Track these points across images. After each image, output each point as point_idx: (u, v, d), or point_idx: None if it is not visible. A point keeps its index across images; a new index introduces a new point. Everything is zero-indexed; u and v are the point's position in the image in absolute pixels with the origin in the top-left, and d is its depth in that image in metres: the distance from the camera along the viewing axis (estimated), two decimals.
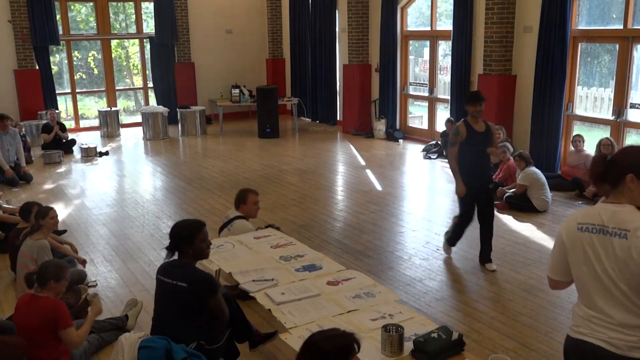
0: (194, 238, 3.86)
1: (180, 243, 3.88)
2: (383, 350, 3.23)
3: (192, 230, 3.89)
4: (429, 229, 7.26)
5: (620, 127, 8.60)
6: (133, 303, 5.00)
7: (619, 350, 2.53)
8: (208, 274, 3.98)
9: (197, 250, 3.89)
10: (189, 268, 3.90)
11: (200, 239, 3.89)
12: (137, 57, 15.93)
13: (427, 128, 12.60)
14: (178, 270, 3.87)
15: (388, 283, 5.61)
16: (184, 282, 3.80)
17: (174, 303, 3.85)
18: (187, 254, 3.89)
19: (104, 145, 12.65)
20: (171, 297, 3.86)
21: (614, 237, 2.53)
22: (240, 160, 11.14)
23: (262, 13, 16.12)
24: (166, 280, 3.88)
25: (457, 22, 10.65)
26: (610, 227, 2.55)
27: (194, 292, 3.81)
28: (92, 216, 7.98)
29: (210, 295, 3.84)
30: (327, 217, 7.79)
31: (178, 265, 3.91)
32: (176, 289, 3.81)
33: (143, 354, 3.63)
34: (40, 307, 4.01)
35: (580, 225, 2.64)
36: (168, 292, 3.87)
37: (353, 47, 13.26)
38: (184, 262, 3.91)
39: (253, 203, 5.65)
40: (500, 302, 5.27)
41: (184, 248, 3.88)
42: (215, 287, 3.88)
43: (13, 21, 13.15)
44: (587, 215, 2.65)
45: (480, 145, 5.83)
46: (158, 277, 3.97)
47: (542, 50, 9.10)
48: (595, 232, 2.59)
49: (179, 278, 3.82)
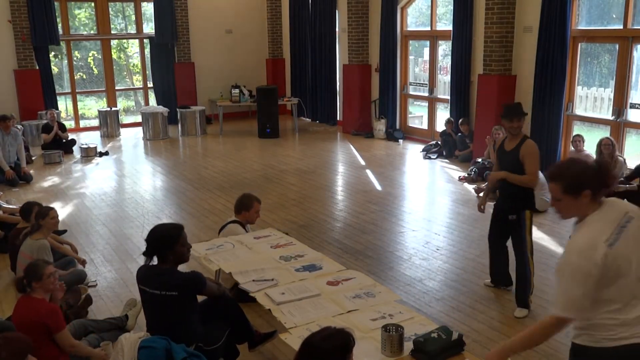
0: (174, 243, 3.83)
1: (161, 248, 3.84)
2: (383, 350, 3.23)
3: (173, 234, 3.86)
4: (429, 229, 7.26)
5: (620, 127, 8.60)
6: (132, 303, 5.00)
7: None
8: (192, 272, 3.96)
9: (177, 254, 3.86)
10: (172, 274, 3.85)
11: (181, 243, 3.86)
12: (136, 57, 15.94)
13: (427, 128, 12.60)
14: (163, 279, 3.81)
15: (388, 283, 5.61)
16: (173, 291, 3.77)
17: (168, 312, 3.84)
18: (167, 259, 3.85)
19: (104, 145, 12.65)
20: (161, 307, 3.85)
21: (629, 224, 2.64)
22: (240, 160, 11.14)
23: (262, 13, 16.12)
24: (153, 292, 3.83)
25: (457, 22, 10.66)
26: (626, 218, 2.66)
27: (186, 295, 3.82)
28: (92, 216, 7.98)
29: (202, 289, 3.92)
30: (327, 217, 7.79)
31: (160, 272, 3.85)
32: (166, 298, 3.78)
33: (143, 354, 3.63)
34: (34, 309, 4.04)
35: (608, 241, 2.61)
36: (156, 303, 3.85)
37: (353, 47, 13.26)
38: (166, 268, 3.85)
39: (256, 211, 5.68)
40: (500, 302, 5.27)
41: (164, 253, 3.84)
42: (203, 279, 3.91)
43: (13, 21, 13.15)
44: (602, 229, 2.65)
45: (506, 166, 5.00)
46: (141, 287, 3.92)
47: (542, 50, 9.10)
48: (620, 233, 2.63)
49: (167, 288, 3.77)
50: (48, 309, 4.07)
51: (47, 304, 4.12)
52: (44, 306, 4.08)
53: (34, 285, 4.11)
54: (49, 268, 4.21)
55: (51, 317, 4.04)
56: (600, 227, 2.65)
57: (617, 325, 2.60)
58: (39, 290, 4.12)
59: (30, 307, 4.06)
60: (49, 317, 4.02)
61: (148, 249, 3.90)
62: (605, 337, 2.61)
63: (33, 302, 4.08)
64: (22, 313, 4.08)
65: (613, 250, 2.59)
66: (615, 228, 2.63)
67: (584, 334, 2.69)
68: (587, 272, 2.57)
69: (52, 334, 4.04)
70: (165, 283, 3.79)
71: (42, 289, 4.13)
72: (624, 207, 2.74)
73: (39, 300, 4.09)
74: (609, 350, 2.61)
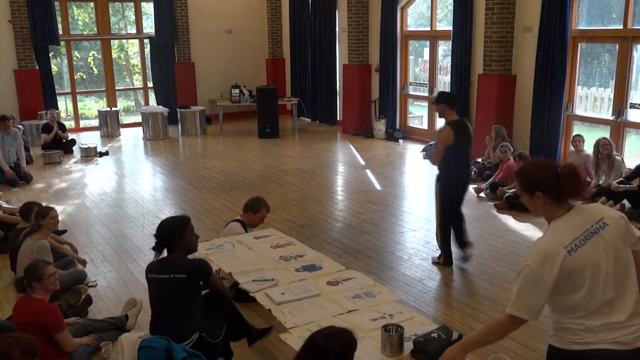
0: (183, 232, 3.98)
1: (170, 238, 3.97)
2: (383, 350, 3.23)
3: (182, 222, 4.05)
4: (429, 229, 7.26)
5: (620, 127, 8.60)
6: (132, 303, 5.00)
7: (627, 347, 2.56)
8: (201, 259, 4.17)
9: (187, 243, 4.01)
10: (182, 260, 3.99)
11: (189, 232, 4.03)
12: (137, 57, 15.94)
13: (427, 128, 12.60)
14: (172, 265, 3.94)
15: (388, 283, 5.61)
16: (182, 274, 3.88)
17: (173, 296, 3.91)
18: (177, 248, 3.98)
19: (104, 145, 12.65)
20: (169, 291, 3.91)
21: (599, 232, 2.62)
22: (240, 160, 11.14)
23: (262, 13, 16.12)
24: (161, 277, 3.93)
25: (457, 22, 10.66)
26: (599, 224, 2.63)
27: (193, 279, 3.93)
28: (92, 216, 7.98)
29: (208, 277, 4.00)
30: (327, 217, 7.79)
31: (170, 260, 3.99)
32: (174, 281, 3.88)
33: (143, 353, 3.63)
34: (34, 310, 4.05)
35: (568, 247, 2.58)
36: (165, 287, 3.93)
37: (353, 47, 13.26)
38: (175, 256, 3.99)
39: (261, 217, 5.66)
40: (500, 302, 5.27)
41: (174, 243, 3.97)
42: (210, 268, 4.05)
43: (13, 21, 13.15)
44: (563, 235, 2.62)
45: None
46: (150, 276, 4.02)
47: (542, 50, 9.10)
48: (588, 240, 2.60)
49: (176, 271, 3.89)
50: (48, 310, 4.08)
51: (47, 305, 4.13)
52: (45, 307, 4.09)
53: (34, 286, 4.12)
54: (49, 268, 4.22)
55: (51, 318, 4.04)
56: (563, 232, 2.61)
57: (582, 330, 2.60)
58: (39, 291, 4.13)
59: (30, 307, 4.07)
60: (50, 318, 4.03)
61: (158, 242, 4.02)
62: (572, 340, 2.62)
63: (33, 302, 4.09)
64: (22, 313, 4.08)
65: (573, 257, 2.56)
66: (581, 234, 2.59)
67: (556, 335, 2.70)
68: (540, 277, 2.56)
69: (52, 334, 4.05)
70: (174, 267, 3.92)
71: (42, 289, 4.14)
72: (597, 214, 2.67)
73: (39, 300, 4.10)
74: (576, 353, 2.62)
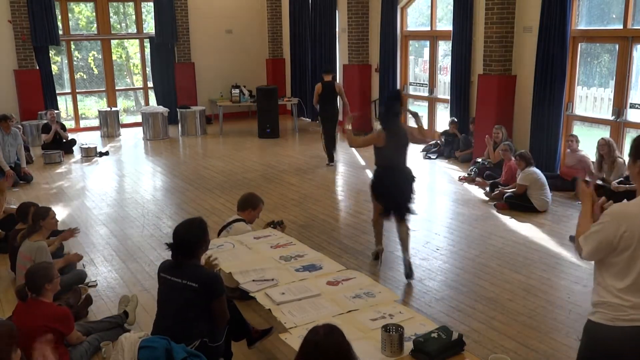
0: (203, 241, 3.93)
1: (196, 247, 3.88)
2: (383, 350, 3.23)
3: (203, 232, 3.94)
4: (429, 229, 7.26)
5: (620, 127, 8.59)
6: (126, 300, 5.02)
7: None
8: (217, 274, 3.99)
9: (205, 249, 3.99)
10: (197, 268, 3.89)
11: (206, 239, 3.97)
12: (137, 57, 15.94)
13: (426, 128, 12.58)
14: (186, 270, 3.84)
15: (388, 283, 5.61)
16: (194, 283, 3.77)
17: (182, 302, 3.82)
18: (197, 254, 3.93)
19: (104, 145, 12.65)
20: (179, 296, 3.83)
21: None
22: (240, 160, 11.14)
23: (262, 13, 16.12)
24: (174, 280, 3.84)
25: (457, 22, 10.65)
26: None
27: (204, 292, 3.79)
28: (92, 216, 7.98)
29: (217, 296, 3.82)
30: (327, 217, 7.79)
31: (186, 265, 3.87)
32: (186, 288, 3.79)
33: (143, 353, 3.62)
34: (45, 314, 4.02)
35: None
36: (176, 291, 3.84)
37: (353, 47, 13.27)
38: (191, 262, 3.89)
39: (259, 211, 5.73)
40: (500, 302, 5.27)
41: (196, 252, 3.89)
42: (223, 289, 3.88)
43: (13, 21, 13.15)
44: None
45: None
46: (163, 275, 3.93)
47: (542, 51, 9.10)
48: None
49: (189, 278, 3.79)
50: (60, 314, 4.08)
51: (58, 309, 4.12)
52: (58, 311, 4.09)
53: (46, 287, 4.08)
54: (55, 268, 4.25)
55: (63, 322, 4.06)
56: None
57: (629, 307, 2.75)
58: (48, 293, 4.11)
59: (42, 311, 4.04)
60: (62, 322, 4.04)
61: (179, 250, 3.87)
62: (617, 317, 2.77)
63: (43, 306, 4.06)
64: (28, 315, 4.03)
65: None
66: None
67: (599, 312, 2.85)
68: (610, 232, 2.76)
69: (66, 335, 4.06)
70: (189, 274, 3.81)
71: (52, 291, 4.13)
72: None
73: (48, 304, 4.08)
74: (620, 329, 2.77)
